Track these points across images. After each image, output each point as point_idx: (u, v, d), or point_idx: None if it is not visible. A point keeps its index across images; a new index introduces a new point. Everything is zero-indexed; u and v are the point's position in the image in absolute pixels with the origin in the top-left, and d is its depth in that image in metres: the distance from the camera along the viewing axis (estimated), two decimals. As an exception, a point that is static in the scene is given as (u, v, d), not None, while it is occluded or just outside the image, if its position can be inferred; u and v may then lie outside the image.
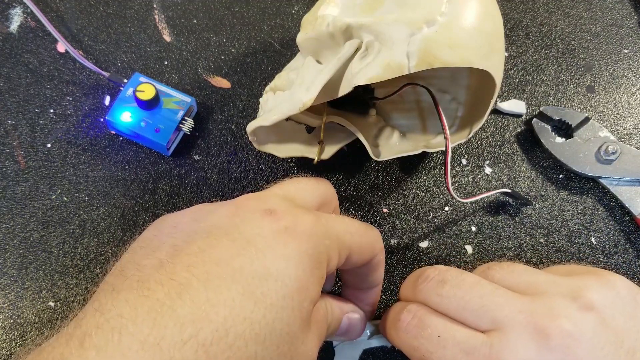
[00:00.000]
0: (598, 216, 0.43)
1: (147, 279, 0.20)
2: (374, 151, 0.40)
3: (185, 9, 0.48)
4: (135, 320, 0.18)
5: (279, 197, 0.26)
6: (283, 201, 0.25)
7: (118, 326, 0.18)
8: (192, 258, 0.21)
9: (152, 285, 0.20)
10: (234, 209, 0.24)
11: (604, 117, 0.47)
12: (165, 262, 0.21)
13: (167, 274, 0.20)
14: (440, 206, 0.42)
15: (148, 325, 0.18)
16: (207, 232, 0.23)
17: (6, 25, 0.46)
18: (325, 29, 0.33)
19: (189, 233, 0.23)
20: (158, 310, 0.18)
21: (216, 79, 0.46)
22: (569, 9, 0.52)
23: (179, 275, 0.20)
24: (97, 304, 0.20)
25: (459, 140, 0.39)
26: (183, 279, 0.20)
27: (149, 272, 0.21)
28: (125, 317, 0.18)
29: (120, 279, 0.21)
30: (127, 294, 0.19)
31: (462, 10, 0.31)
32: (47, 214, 0.40)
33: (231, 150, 0.43)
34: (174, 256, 0.21)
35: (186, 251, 0.21)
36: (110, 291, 0.20)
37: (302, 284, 0.22)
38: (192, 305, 0.19)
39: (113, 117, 0.41)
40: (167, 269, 0.20)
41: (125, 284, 0.20)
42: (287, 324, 0.20)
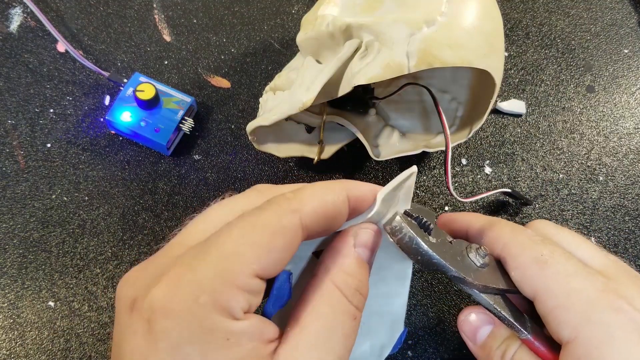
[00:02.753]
0: (598, 216, 0.43)
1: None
2: (374, 151, 0.40)
3: (185, 8, 0.48)
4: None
5: (157, 261, 0.21)
6: (153, 267, 0.21)
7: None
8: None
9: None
10: (117, 307, 0.21)
11: (603, 117, 0.47)
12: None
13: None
14: (440, 206, 0.42)
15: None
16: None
17: (6, 25, 0.46)
18: (325, 29, 0.33)
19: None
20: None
21: (216, 78, 0.46)
22: (569, 9, 0.52)
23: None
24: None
25: (459, 140, 0.39)
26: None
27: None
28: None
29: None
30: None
31: (462, 10, 0.31)
32: (47, 214, 0.40)
33: (231, 150, 0.43)
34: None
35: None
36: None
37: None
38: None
39: (113, 116, 0.41)
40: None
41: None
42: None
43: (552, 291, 0.26)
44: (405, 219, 0.25)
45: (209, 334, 0.18)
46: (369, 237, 0.24)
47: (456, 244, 0.27)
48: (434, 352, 0.38)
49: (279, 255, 0.21)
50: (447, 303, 0.39)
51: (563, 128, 0.46)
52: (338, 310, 0.21)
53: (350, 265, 0.23)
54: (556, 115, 0.47)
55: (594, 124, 0.46)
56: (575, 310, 0.25)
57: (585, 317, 0.25)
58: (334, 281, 0.22)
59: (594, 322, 0.25)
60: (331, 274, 0.22)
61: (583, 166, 0.45)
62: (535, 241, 0.28)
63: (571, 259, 0.27)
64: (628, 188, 0.44)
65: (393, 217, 0.25)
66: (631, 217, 0.43)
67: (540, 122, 0.46)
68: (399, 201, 0.26)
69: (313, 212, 0.22)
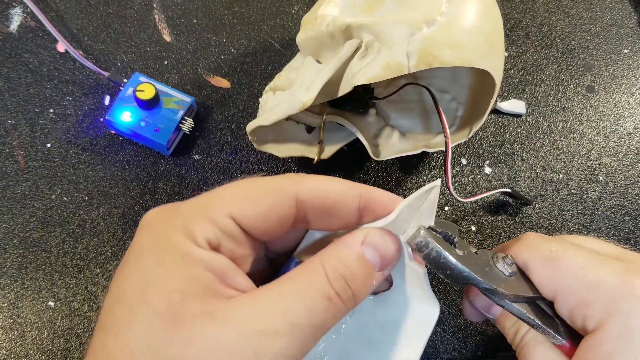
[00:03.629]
0: (598, 216, 0.43)
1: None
2: (374, 151, 0.40)
3: (185, 8, 0.48)
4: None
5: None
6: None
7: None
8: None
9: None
10: None
11: (603, 117, 0.47)
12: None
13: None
14: (440, 206, 0.42)
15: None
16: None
17: (6, 25, 0.46)
18: (325, 29, 0.33)
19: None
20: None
21: (216, 78, 0.46)
22: (569, 9, 0.52)
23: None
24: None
25: (459, 140, 0.39)
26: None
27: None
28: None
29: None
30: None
31: (462, 10, 0.31)
32: (47, 214, 0.40)
33: (231, 150, 0.43)
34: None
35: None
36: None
37: (146, 286, 0.20)
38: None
39: (113, 116, 0.41)
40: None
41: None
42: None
43: (569, 288, 0.25)
44: (431, 234, 0.24)
45: (168, 247, 0.20)
46: (381, 240, 0.23)
47: (482, 254, 0.26)
48: (433, 352, 0.38)
49: (262, 210, 0.22)
50: (447, 303, 0.39)
51: (563, 128, 0.46)
52: (312, 284, 0.21)
53: (347, 255, 0.22)
54: (556, 115, 0.47)
55: (594, 124, 0.46)
56: (597, 304, 0.24)
57: (607, 310, 0.24)
58: (322, 262, 0.21)
59: (616, 313, 0.24)
60: (324, 257, 0.22)
61: (583, 166, 0.45)
62: (542, 239, 0.28)
63: (582, 250, 0.26)
64: (628, 188, 0.44)
65: (417, 232, 0.24)
66: (631, 217, 0.43)
67: (540, 122, 0.46)
68: (421, 216, 0.25)
69: (312, 190, 0.22)
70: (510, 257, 0.27)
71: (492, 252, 0.27)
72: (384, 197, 0.24)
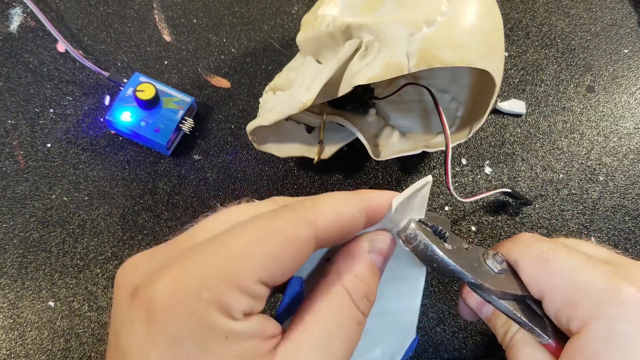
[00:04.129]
0: (598, 216, 0.43)
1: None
2: (374, 151, 0.40)
3: (185, 9, 0.48)
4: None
5: (163, 251, 0.21)
6: (158, 257, 0.20)
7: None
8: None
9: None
10: (115, 293, 0.20)
11: (603, 117, 0.47)
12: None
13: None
14: (440, 206, 0.42)
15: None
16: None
17: (6, 25, 0.46)
18: (325, 29, 0.33)
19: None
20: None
21: (216, 78, 0.46)
22: (569, 9, 0.52)
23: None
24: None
25: (459, 140, 0.39)
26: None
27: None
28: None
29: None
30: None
31: (462, 10, 0.31)
32: (47, 214, 0.40)
33: (231, 150, 0.43)
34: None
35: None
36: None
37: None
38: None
39: (113, 116, 0.41)
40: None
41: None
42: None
43: (557, 288, 0.26)
44: (420, 227, 0.25)
45: (208, 330, 0.18)
46: (385, 244, 0.24)
47: (472, 250, 0.27)
48: (434, 352, 0.38)
49: (287, 264, 0.20)
50: (447, 303, 0.39)
51: (563, 128, 0.46)
52: (344, 313, 0.21)
53: (361, 270, 0.22)
54: (556, 115, 0.47)
55: (594, 124, 0.46)
56: (582, 306, 0.25)
57: (592, 312, 0.24)
58: (344, 285, 0.22)
59: (599, 316, 0.24)
60: (342, 278, 0.22)
61: (583, 166, 0.45)
62: (535, 239, 0.28)
63: (573, 252, 0.27)
64: (628, 188, 0.44)
65: (407, 224, 0.25)
66: (631, 217, 0.43)
67: (540, 122, 0.46)
68: (413, 210, 0.26)
69: (328, 225, 0.21)
70: (500, 255, 0.27)
71: (483, 249, 0.28)
72: (384, 200, 0.24)
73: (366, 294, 0.22)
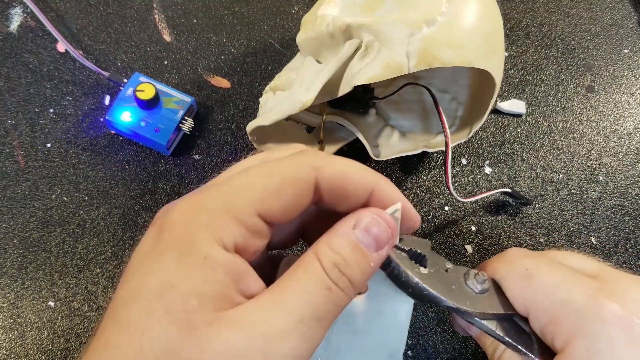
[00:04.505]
0: (598, 216, 0.43)
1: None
2: (374, 151, 0.40)
3: (185, 8, 0.48)
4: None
5: (189, 193, 0.23)
6: (182, 201, 0.22)
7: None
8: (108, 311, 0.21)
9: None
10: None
11: (603, 117, 0.47)
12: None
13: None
14: (440, 206, 0.42)
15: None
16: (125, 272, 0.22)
17: (6, 25, 0.46)
18: (325, 29, 0.33)
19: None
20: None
21: (216, 78, 0.46)
22: (569, 9, 0.52)
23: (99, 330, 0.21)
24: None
25: (459, 140, 0.39)
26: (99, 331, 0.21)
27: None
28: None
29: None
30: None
31: (462, 10, 0.31)
32: (47, 214, 0.40)
33: (231, 150, 0.43)
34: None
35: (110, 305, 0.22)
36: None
37: (164, 288, 0.19)
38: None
39: (113, 116, 0.41)
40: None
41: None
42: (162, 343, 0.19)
43: (541, 305, 0.26)
44: (394, 252, 0.25)
45: (190, 247, 0.20)
46: (373, 221, 0.23)
47: (454, 271, 0.27)
48: (433, 352, 0.38)
49: (286, 202, 0.21)
50: (447, 303, 0.39)
51: (563, 128, 0.46)
52: (311, 275, 0.21)
53: (337, 243, 0.22)
54: (556, 115, 0.47)
55: (594, 124, 0.46)
56: (565, 324, 0.25)
57: (574, 330, 0.24)
58: (315, 251, 0.21)
59: (581, 334, 0.24)
60: (316, 246, 0.22)
61: (583, 166, 0.45)
62: (520, 256, 0.28)
63: (557, 269, 0.26)
64: (628, 188, 0.44)
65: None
66: (631, 217, 0.43)
67: (540, 122, 0.46)
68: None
69: (329, 177, 0.22)
70: (481, 274, 0.27)
71: (466, 268, 0.27)
72: (391, 193, 0.24)
73: (338, 265, 0.21)
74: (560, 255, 0.29)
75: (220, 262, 0.20)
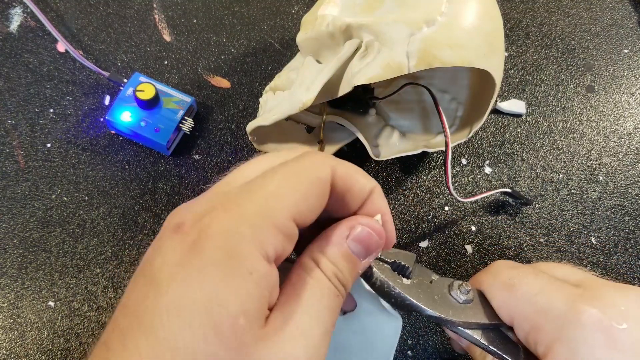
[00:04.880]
0: (598, 216, 0.43)
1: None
2: (374, 151, 0.40)
3: (185, 8, 0.48)
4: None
5: (205, 198, 0.22)
6: (202, 202, 0.21)
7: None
8: (118, 309, 0.21)
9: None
10: (159, 233, 0.22)
11: (603, 117, 0.47)
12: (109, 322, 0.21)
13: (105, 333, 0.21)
14: (440, 206, 0.42)
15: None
16: (136, 273, 0.22)
17: (6, 25, 0.46)
18: (325, 29, 0.33)
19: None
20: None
21: (216, 78, 0.46)
22: (569, 9, 0.52)
23: (107, 332, 0.20)
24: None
25: (459, 139, 0.39)
26: (107, 335, 0.20)
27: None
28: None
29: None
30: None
31: (462, 10, 0.31)
32: (47, 214, 0.40)
33: (231, 150, 0.43)
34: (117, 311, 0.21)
35: (121, 301, 0.21)
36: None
37: (211, 305, 0.18)
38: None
39: (113, 116, 0.41)
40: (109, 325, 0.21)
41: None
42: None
43: (523, 313, 0.26)
44: (377, 264, 0.26)
45: (236, 262, 0.19)
46: (364, 233, 0.23)
47: (439, 282, 0.27)
48: (433, 352, 0.38)
49: (313, 202, 0.21)
50: (447, 303, 0.39)
51: (563, 128, 0.46)
52: (324, 286, 0.21)
53: (333, 253, 0.22)
54: (556, 115, 0.47)
55: (594, 124, 0.46)
56: (546, 330, 0.25)
57: (555, 335, 0.25)
58: (314, 259, 0.22)
59: (562, 339, 0.24)
60: (312, 254, 0.22)
61: (583, 166, 0.45)
62: (505, 267, 0.29)
63: (539, 277, 0.27)
64: (628, 188, 0.44)
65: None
66: (631, 217, 0.43)
67: (540, 122, 0.46)
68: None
69: (341, 177, 0.22)
70: (465, 285, 0.28)
71: (450, 280, 0.28)
72: (382, 206, 0.24)
73: (336, 273, 0.22)
74: (546, 266, 0.30)
75: (264, 277, 0.20)
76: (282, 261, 0.22)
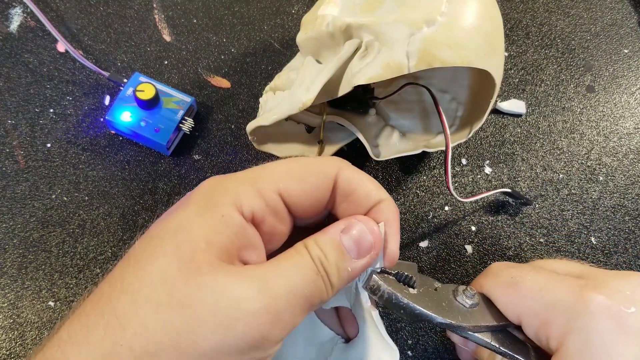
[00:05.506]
0: (598, 216, 0.43)
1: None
2: (374, 151, 0.40)
3: (185, 8, 0.48)
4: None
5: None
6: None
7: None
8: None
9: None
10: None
11: (603, 117, 0.47)
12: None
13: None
14: (440, 206, 0.42)
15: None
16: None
17: (6, 25, 0.46)
18: (325, 29, 0.33)
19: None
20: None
21: (216, 78, 0.46)
22: (569, 9, 0.52)
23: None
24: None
25: (459, 139, 0.39)
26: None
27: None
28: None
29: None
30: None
31: (462, 10, 0.31)
32: (47, 214, 0.40)
33: (231, 150, 0.43)
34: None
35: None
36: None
37: (180, 229, 0.21)
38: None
39: (113, 116, 0.41)
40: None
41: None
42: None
43: (530, 310, 0.26)
44: (382, 277, 0.26)
45: (211, 204, 0.22)
46: (359, 229, 0.24)
47: (443, 289, 0.27)
48: (433, 352, 0.38)
49: (308, 189, 0.23)
50: (447, 303, 0.39)
51: (563, 128, 0.46)
52: (304, 258, 0.22)
53: (322, 239, 0.23)
54: (556, 115, 0.47)
55: (594, 124, 0.46)
56: (556, 323, 0.25)
57: (566, 328, 0.25)
58: (304, 243, 0.23)
59: (573, 330, 0.24)
60: (305, 240, 0.23)
61: (583, 166, 0.45)
62: (504, 267, 0.29)
63: (541, 273, 0.27)
64: (628, 188, 0.44)
65: (369, 276, 0.26)
66: (631, 217, 0.43)
67: (540, 122, 0.46)
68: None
69: (347, 179, 0.24)
70: (470, 289, 0.28)
71: (454, 285, 0.28)
72: (390, 218, 0.25)
73: (320, 257, 0.23)
74: (544, 263, 0.30)
75: (235, 223, 0.22)
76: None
